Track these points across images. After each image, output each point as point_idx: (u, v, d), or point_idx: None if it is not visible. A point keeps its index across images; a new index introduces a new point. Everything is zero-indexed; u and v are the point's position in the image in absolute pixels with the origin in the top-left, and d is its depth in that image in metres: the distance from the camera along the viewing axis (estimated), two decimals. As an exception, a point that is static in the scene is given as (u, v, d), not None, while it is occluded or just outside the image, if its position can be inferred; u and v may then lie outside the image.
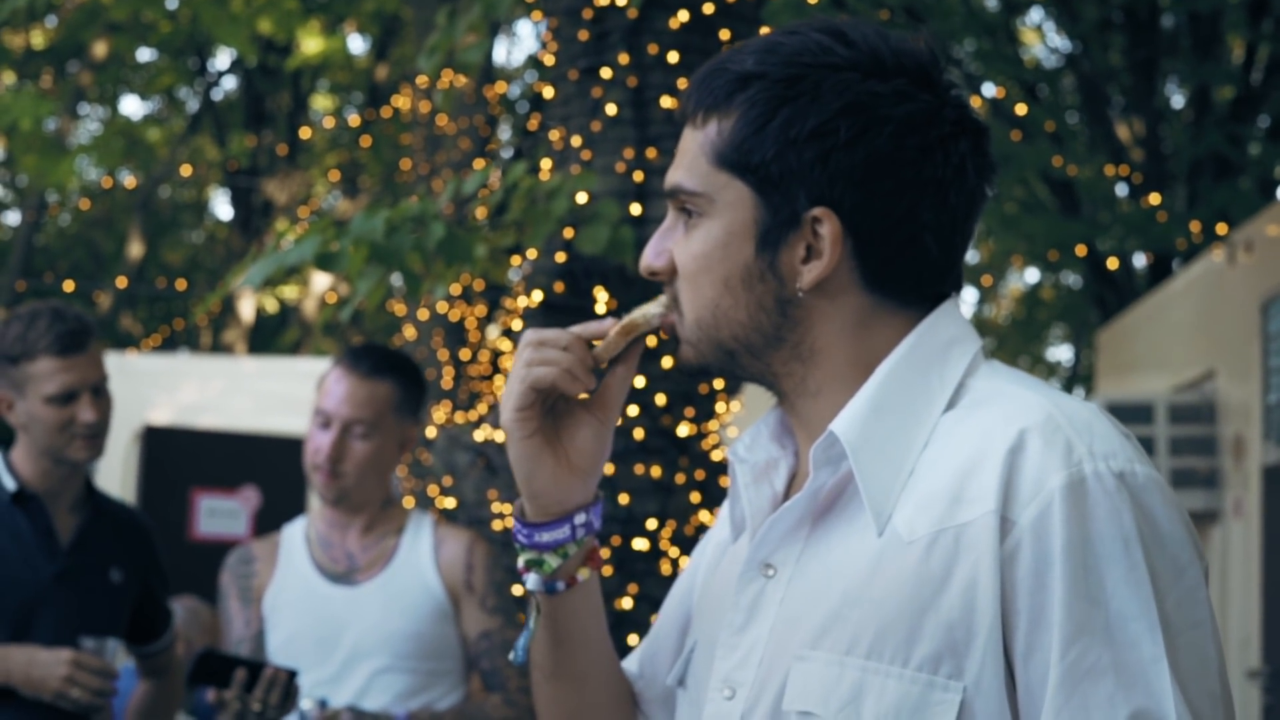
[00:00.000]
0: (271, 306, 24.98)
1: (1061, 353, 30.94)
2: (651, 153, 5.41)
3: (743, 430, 4.64)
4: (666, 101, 5.43)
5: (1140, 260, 16.97)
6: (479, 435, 5.62)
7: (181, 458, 10.73)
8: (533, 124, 7.03)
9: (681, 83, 5.43)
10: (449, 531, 4.16)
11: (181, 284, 24.52)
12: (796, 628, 1.75)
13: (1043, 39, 20.09)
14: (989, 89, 16.92)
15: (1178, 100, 18.96)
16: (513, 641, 3.90)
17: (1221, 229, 12.06)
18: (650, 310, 1.86)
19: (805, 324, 1.80)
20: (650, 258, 1.86)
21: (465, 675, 4.03)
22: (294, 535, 4.17)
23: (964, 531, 1.66)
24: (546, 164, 5.67)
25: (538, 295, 5.42)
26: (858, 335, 1.80)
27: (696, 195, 1.81)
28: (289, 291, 22.11)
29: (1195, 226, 14.10)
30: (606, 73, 5.49)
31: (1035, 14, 19.21)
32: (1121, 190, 16.66)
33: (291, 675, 3.74)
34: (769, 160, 1.77)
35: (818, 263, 1.77)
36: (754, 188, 1.78)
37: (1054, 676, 1.62)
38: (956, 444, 1.72)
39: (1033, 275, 26.41)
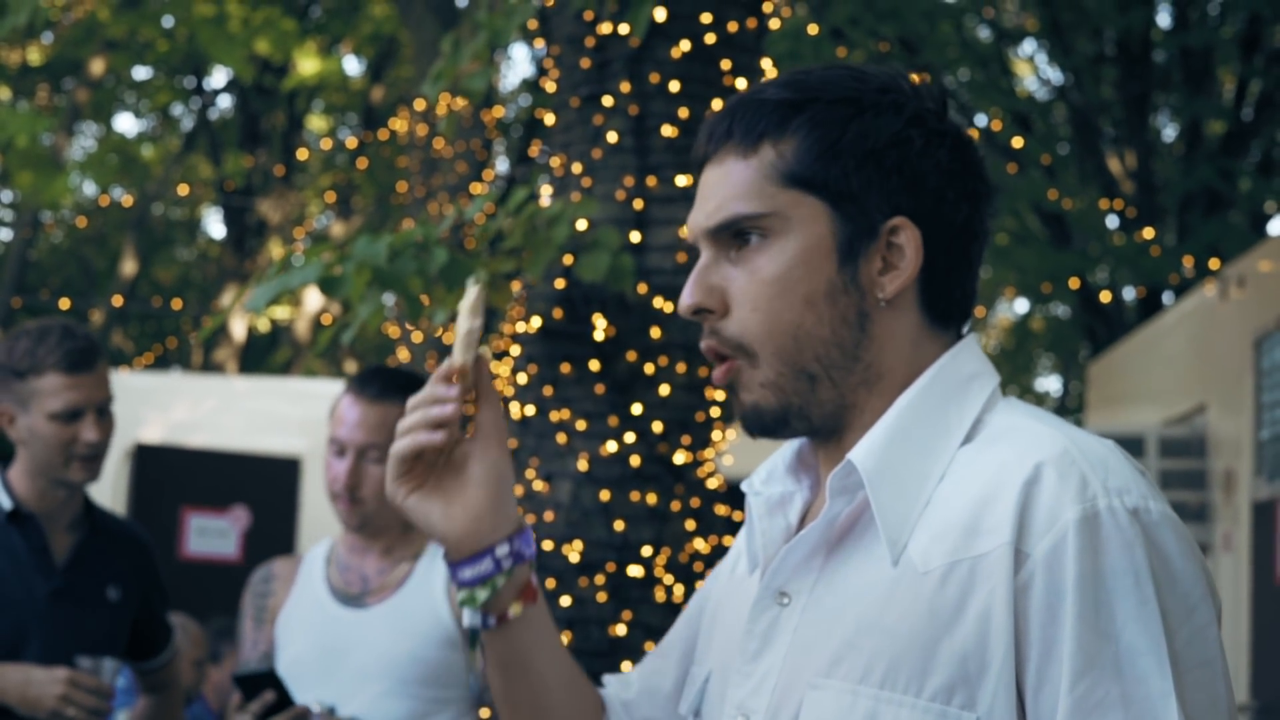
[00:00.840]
0: (263, 326, 24.96)
1: (1050, 383, 31.05)
2: (652, 181, 5.42)
3: (738, 458, 4.61)
4: (668, 130, 5.44)
5: (1130, 293, 17.01)
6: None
7: (172, 476, 10.72)
8: (533, 150, 7.06)
9: (683, 112, 5.45)
10: None
11: (177, 304, 24.50)
12: (810, 656, 1.75)
13: (1035, 71, 20.16)
14: (981, 120, 16.97)
15: (1169, 134, 19.03)
16: None
17: (1214, 264, 12.10)
18: (470, 298, 1.84)
19: (878, 341, 1.81)
20: (699, 296, 1.84)
21: (473, 705, 3.98)
22: (316, 556, 4.14)
23: (979, 563, 1.67)
24: (547, 190, 5.69)
25: (536, 321, 5.43)
26: (911, 356, 1.83)
27: (765, 217, 1.80)
28: (280, 311, 22.09)
29: (1189, 261, 14.15)
30: (608, 100, 5.50)
31: (1028, 46, 19.27)
32: (1112, 223, 16.71)
33: None
34: (849, 172, 1.79)
35: (897, 272, 1.79)
36: (829, 202, 1.79)
37: (1063, 708, 1.62)
38: (973, 476, 1.73)
39: (1022, 306, 26.51)
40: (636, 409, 5.34)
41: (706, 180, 1.86)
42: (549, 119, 5.80)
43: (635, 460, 5.32)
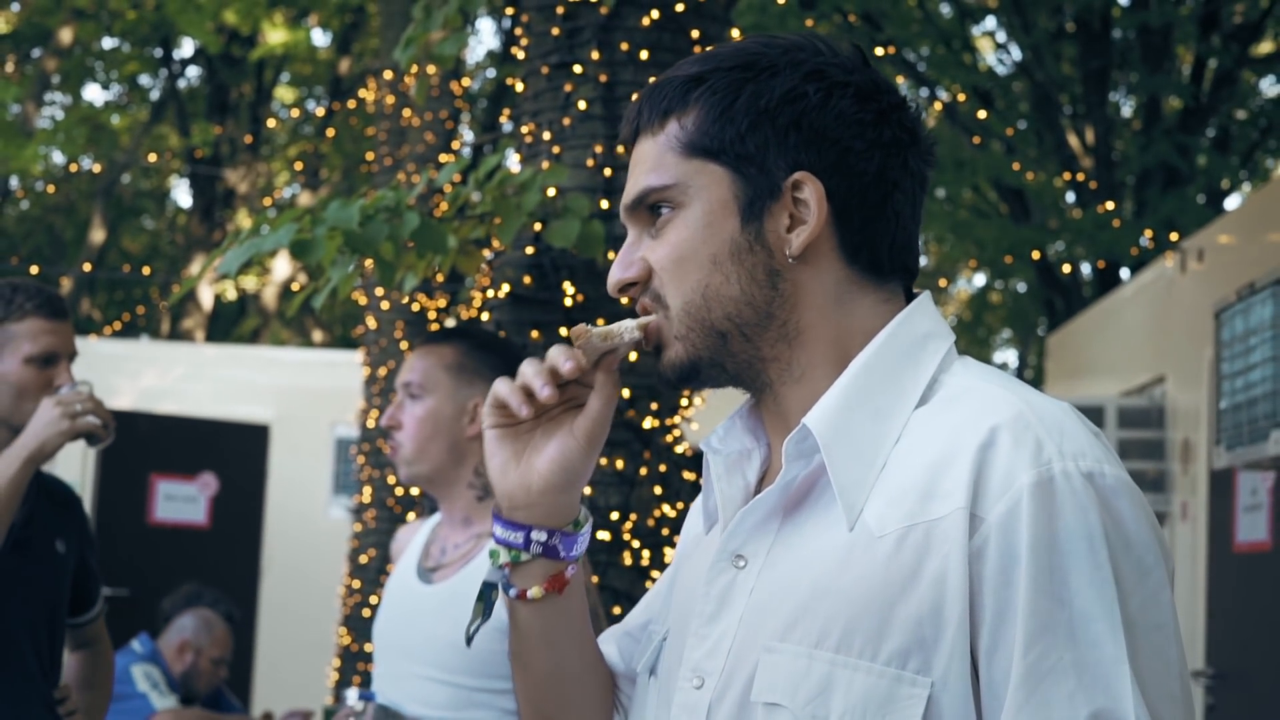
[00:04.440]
0: (230, 295, 24.93)
1: (1007, 356, 31.17)
2: (621, 149, 5.46)
3: (706, 425, 4.63)
4: (637, 98, 5.49)
5: (1088, 267, 17.12)
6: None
7: (140, 443, 10.71)
8: (504, 117, 7.10)
9: (652, 80, 5.48)
10: None
11: (146, 271, 24.43)
12: (766, 619, 1.75)
13: (996, 47, 20.24)
14: (943, 95, 17.06)
15: (1127, 110, 19.13)
16: None
17: (1174, 238, 12.21)
18: (626, 325, 1.82)
19: (793, 298, 1.80)
20: (620, 271, 1.85)
21: None
22: (430, 523, 3.95)
23: (934, 527, 1.66)
24: (516, 158, 5.72)
25: (505, 287, 5.46)
26: (838, 312, 1.81)
27: (669, 188, 1.82)
28: (249, 280, 22.08)
29: (1149, 233, 14.26)
30: (578, 68, 5.54)
31: (989, 21, 19.35)
32: (1071, 197, 16.82)
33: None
34: (743, 134, 1.79)
35: (804, 227, 1.78)
36: (729, 165, 1.80)
37: (1016, 674, 1.62)
38: (928, 439, 1.72)
39: (980, 279, 26.63)
40: (604, 374, 5.37)
41: (631, 160, 1.89)
42: (519, 87, 5.83)
43: (603, 425, 5.36)
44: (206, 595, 7.78)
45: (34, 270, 20.02)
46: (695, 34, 5.57)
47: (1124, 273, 15.75)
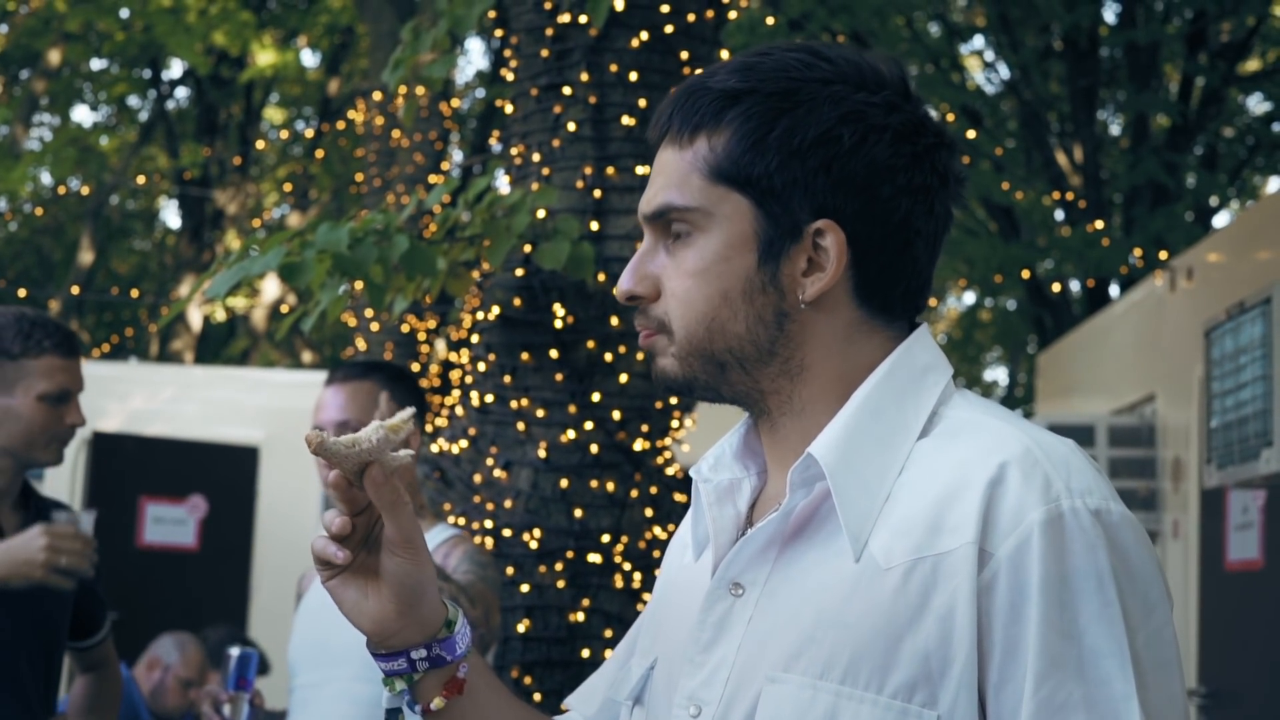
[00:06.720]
0: (220, 316, 24.93)
1: (998, 374, 31.19)
2: (611, 170, 5.47)
3: (696, 446, 4.65)
4: (626, 119, 5.49)
5: (1077, 285, 17.15)
6: (433, 448, 5.67)
7: (129, 465, 10.70)
8: (493, 139, 7.08)
9: (642, 102, 5.49)
10: (446, 545, 4.07)
11: (134, 294, 24.44)
12: (767, 648, 1.74)
13: (984, 66, 20.29)
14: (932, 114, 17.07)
15: (1115, 128, 19.18)
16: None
17: (1163, 256, 12.22)
18: (369, 430, 1.76)
19: (799, 339, 1.80)
20: (630, 283, 1.84)
21: None
22: None
23: (942, 561, 1.66)
24: (506, 179, 5.73)
25: (495, 309, 5.47)
26: (844, 351, 1.81)
27: (691, 211, 1.79)
28: (237, 301, 22.09)
29: (1138, 251, 14.29)
30: (567, 90, 5.55)
31: (977, 41, 19.41)
32: (1060, 215, 16.85)
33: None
34: (772, 171, 1.76)
35: (820, 275, 1.77)
36: (754, 200, 1.77)
37: (1027, 710, 1.63)
38: (934, 472, 1.72)
39: (970, 297, 26.65)
40: (595, 397, 5.38)
41: (655, 164, 1.86)
42: (509, 108, 5.84)
43: (594, 448, 5.36)
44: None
45: (22, 293, 20.00)
46: (684, 55, 5.59)
47: (1114, 290, 15.78)
